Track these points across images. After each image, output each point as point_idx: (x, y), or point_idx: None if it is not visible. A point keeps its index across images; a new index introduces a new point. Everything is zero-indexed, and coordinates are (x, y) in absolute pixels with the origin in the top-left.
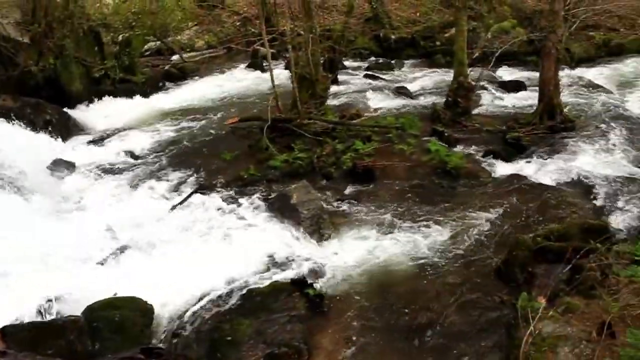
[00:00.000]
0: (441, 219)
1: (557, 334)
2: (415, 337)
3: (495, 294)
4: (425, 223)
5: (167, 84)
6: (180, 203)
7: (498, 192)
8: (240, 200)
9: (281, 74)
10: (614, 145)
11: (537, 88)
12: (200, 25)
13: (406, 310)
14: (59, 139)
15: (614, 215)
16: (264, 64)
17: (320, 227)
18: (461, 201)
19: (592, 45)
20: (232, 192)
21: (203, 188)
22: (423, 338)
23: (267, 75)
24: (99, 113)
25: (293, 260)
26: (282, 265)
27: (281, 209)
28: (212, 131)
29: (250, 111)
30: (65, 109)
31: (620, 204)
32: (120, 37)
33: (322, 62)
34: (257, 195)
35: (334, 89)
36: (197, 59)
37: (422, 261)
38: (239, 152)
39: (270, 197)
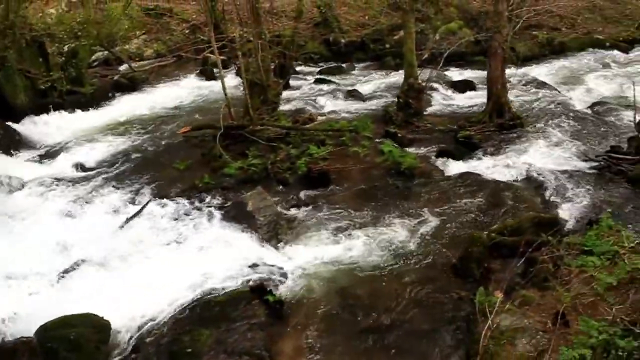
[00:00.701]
0: (397, 219)
1: (515, 326)
2: (377, 338)
3: (453, 291)
4: (381, 224)
5: (116, 94)
6: (135, 215)
7: (452, 190)
8: (196, 210)
9: (233, 81)
10: (560, 139)
11: (485, 87)
12: (149, 34)
13: (366, 312)
14: (5, 154)
15: (563, 208)
16: (215, 72)
17: (277, 233)
18: (416, 201)
19: (536, 44)
20: (187, 202)
21: (158, 199)
22: (384, 339)
23: (218, 82)
24: (46, 126)
25: (251, 267)
26: (240, 273)
27: (237, 216)
28: (164, 141)
29: (202, 119)
30: (10, 123)
31: (568, 196)
32: (66, 48)
33: (272, 67)
34: (213, 203)
35: (286, 94)
36: (146, 68)
37: (381, 262)
38: (193, 161)
39: (226, 205)
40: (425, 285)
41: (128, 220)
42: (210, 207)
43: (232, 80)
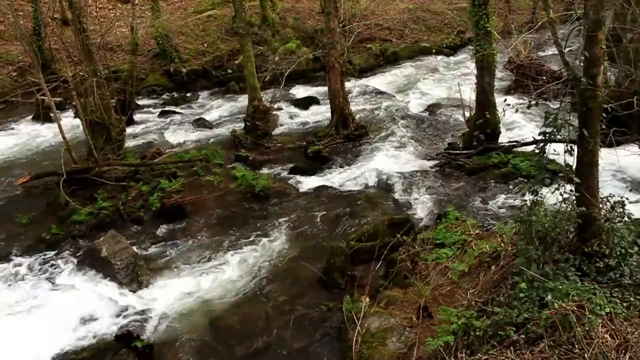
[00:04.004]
0: (258, 241)
1: (384, 327)
2: None
3: (322, 303)
4: (243, 248)
5: None
6: None
7: (308, 205)
8: (46, 264)
9: (73, 123)
10: (403, 143)
11: (328, 101)
12: None
13: (240, 339)
14: None
15: (414, 207)
16: (51, 114)
17: (137, 275)
18: (275, 221)
19: (371, 55)
20: (34, 257)
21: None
22: None
23: (56, 126)
24: None
25: (114, 315)
26: (103, 324)
27: (92, 264)
28: (0, 195)
29: (42, 167)
30: None
31: (417, 195)
32: None
33: (113, 104)
34: (64, 254)
35: (131, 130)
36: None
37: (247, 287)
38: (37, 213)
39: (78, 254)
40: (294, 302)
41: None
42: (61, 259)
43: (72, 122)
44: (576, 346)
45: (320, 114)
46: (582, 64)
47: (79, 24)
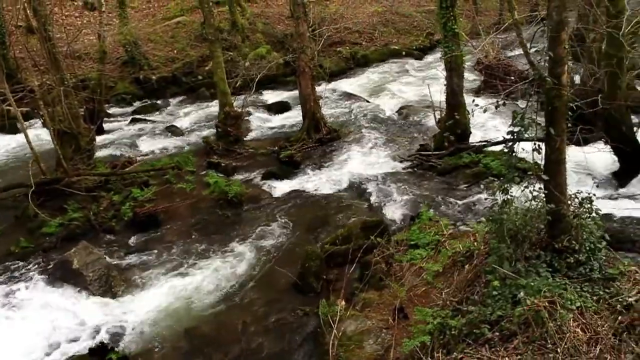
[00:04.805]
0: (232, 248)
1: (360, 330)
2: None
3: (297, 308)
4: (217, 255)
5: None
6: None
7: (282, 210)
8: (16, 278)
9: (41, 133)
10: (375, 145)
11: (300, 106)
12: None
13: (216, 348)
14: None
15: (388, 208)
16: (18, 125)
17: (111, 286)
18: (248, 227)
19: (342, 59)
20: (3, 271)
21: None
22: None
23: (23, 137)
24: None
25: (88, 328)
26: (76, 337)
27: (64, 276)
28: None
29: (10, 179)
30: None
31: (390, 197)
32: None
33: (82, 113)
34: (34, 268)
35: (101, 139)
36: None
37: (222, 294)
38: (6, 226)
39: (49, 267)
40: (271, 308)
41: None
42: (32, 272)
43: (41, 132)
44: (549, 341)
45: (292, 118)
46: (547, 64)
47: (45, 31)
